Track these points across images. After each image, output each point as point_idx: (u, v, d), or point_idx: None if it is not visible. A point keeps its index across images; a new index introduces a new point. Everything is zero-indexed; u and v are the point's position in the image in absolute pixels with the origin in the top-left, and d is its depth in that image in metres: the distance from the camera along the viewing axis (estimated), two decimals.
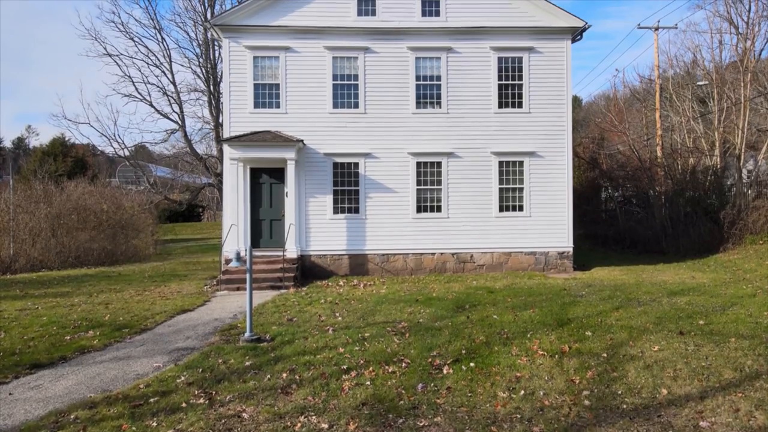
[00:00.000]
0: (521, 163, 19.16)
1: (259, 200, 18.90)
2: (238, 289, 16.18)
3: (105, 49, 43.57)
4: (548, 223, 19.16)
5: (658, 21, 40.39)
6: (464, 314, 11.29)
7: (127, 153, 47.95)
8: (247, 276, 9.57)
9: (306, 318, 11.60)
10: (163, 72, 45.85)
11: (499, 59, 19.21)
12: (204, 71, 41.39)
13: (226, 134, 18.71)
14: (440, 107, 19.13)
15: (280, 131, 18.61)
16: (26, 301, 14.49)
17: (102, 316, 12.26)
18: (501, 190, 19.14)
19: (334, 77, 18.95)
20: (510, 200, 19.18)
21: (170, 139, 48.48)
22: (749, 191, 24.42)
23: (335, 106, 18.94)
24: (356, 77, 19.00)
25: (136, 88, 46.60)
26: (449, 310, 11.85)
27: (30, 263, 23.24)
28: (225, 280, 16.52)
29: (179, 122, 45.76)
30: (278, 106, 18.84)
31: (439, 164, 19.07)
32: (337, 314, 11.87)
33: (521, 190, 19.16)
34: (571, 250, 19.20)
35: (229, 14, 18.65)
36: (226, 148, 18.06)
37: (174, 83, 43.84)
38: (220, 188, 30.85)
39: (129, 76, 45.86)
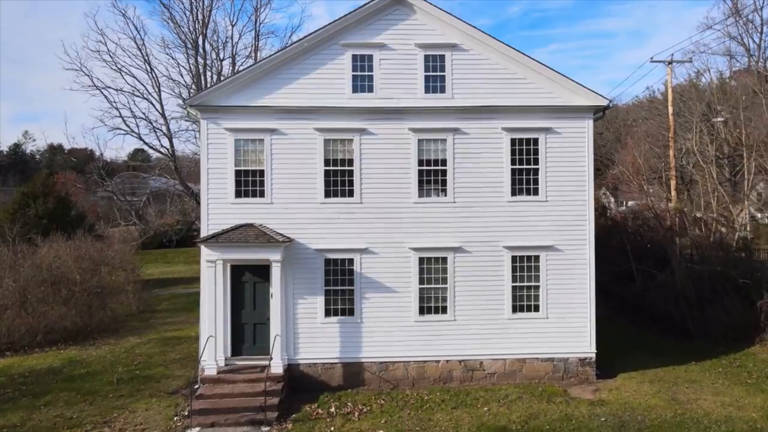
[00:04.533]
0: (537, 258, 16.99)
1: (241, 301, 16.72)
2: (212, 425, 13.99)
3: (91, 80, 41.25)
4: (567, 325, 16.99)
5: (672, 55, 38.20)
6: None
7: (111, 188, 45.85)
8: None
9: None
10: (152, 104, 43.81)
11: (512, 141, 17.04)
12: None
13: (204, 227, 16.54)
14: (446, 195, 16.95)
15: (265, 224, 16.44)
16: None
17: None
18: (514, 288, 16.97)
19: (327, 162, 16.78)
20: (524, 299, 17.01)
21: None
22: None
23: (327, 194, 16.77)
24: (351, 162, 16.83)
25: (124, 120, 44.52)
26: None
27: None
28: (198, 411, 14.35)
29: (169, 155, 43.60)
30: (263, 195, 16.66)
31: (444, 260, 16.90)
32: None
33: (537, 288, 16.99)
34: (593, 356, 17.02)
35: (207, 93, 16.47)
36: (202, 248, 15.87)
37: (164, 115, 41.79)
38: None
39: (117, 108, 43.80)
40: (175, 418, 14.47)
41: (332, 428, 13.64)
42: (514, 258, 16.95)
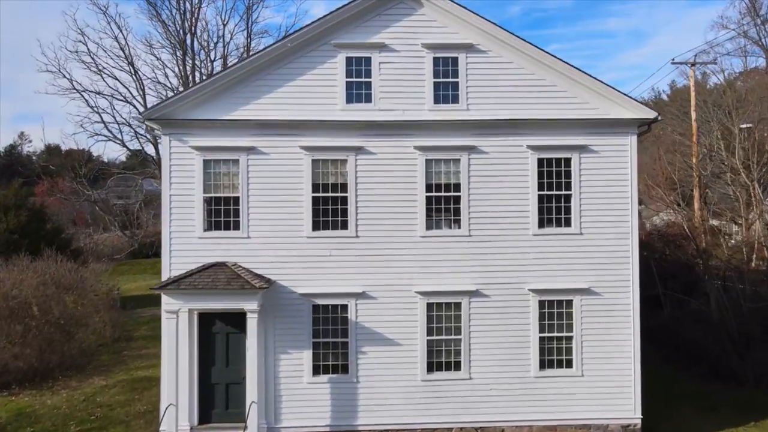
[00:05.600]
0: (569, 303, 14.05)
1: (210, 357, 13.78)
2: None
3: (71, 83, 38.33)
4: (607, 385, 14.04)
5: (695, 56, 35.24)
6: None
7: (97, 196, 42.89)
8: None
9: None
10: (136, 108, 40.87)
11: (540, 161, 14.09)
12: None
13: (165, 267, 13.60)
14: (459, 227, 14.00)
15: (240, 263, 13.50)
16: None
17: None
18: (542, 339, 14.03)
19: (315, 188, 13.83)
20: (554, 353, 14.08)
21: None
22: None
23: (316, 226, 13.82)
24: (345, 187, 13.88)
25: (106, 125, 41.57)
26: None
27: None
28: None
29: (156, 162, 40.61)
30: (237, 228, 13.72)
31: (457, 306, 13.95)
32: None
33: (569, 339, 14.05)
34: (639, 422, 14.06)
35: (170, 104, 13.53)
36: (162, 296, 12.93)
37: None
38: None
39: (98, 112, 40.83)
40: None
41: None
42: (541, 303, 14.00)
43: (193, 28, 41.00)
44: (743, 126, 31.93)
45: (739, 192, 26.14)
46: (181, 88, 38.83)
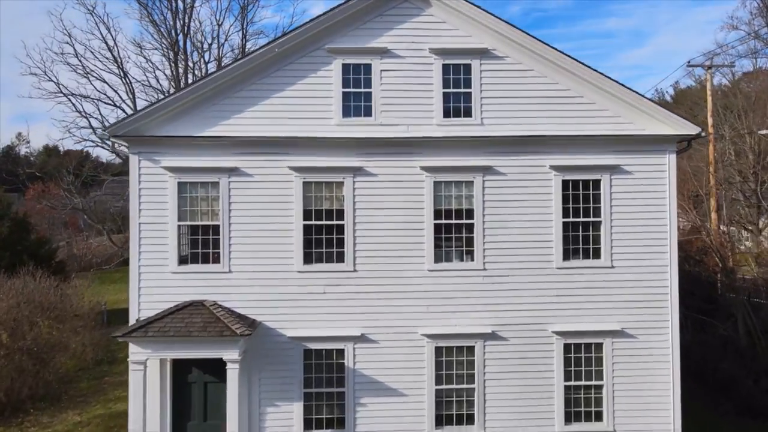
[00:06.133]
0: (599, 347, 12.24)
1: (186, 410, 11.96)
2: None
3: (58, 86, 36.47)
4: None
5: (711, 59, 33.50)
6: None
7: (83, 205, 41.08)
8: None
9: None
10: (125, 112, 39.06)
11: (565, 184, 12.27)
12: None
13: (133, 307, 11.78)
14: (473, 260, 12.19)
15: (221, 302, 11.69)
16: None
17: None
18: (568, 389, 12.22)
19: (307, 214, 12.01)
20: (582, 404, 12.26)
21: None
22: None
23: (308, 259, 12.01)
24: (341, 214, 12.07)
25: (94, 131, 39.78)
26: None
27: None
28: None
29: None
30: (217, 261, 11.91)
31: (470, 350, 12.13)
32: None
33: (599, 388, 12.23)
34: None
35: (139, 118, 11.70)
36: (130, 344, 11.12)
37: None
38: None
39: (86, 116, 39.02)
40: None
41: None
42: (567, 347, 12.19)
43: (186, 29, 39.16)
44: (762, 132, 30.17)
45: (750, 197, 24.43)
46: (172, 91, 37.07)
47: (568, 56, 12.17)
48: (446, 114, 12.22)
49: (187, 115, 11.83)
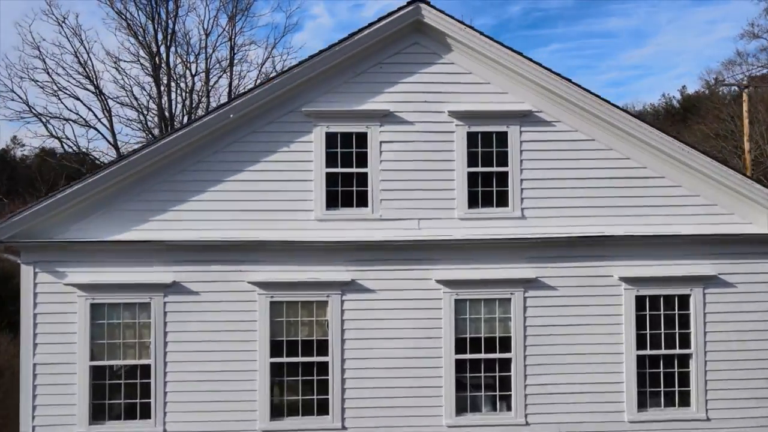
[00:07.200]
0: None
1: None
2: None
3: (28, 106, 32.82)
4: None
5: (747, 76, 30.11)
6: None
7: None
8: None
9: None
10: (99, 132, 35.41)
11: (640, 302, 8.71)
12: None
13: None
14: (509, 409, 8.62)
15: None
16: None
17: None
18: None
19: (275, 348, 8.46)
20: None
21: None
22: None
23: (277, 413, 8.46)
24: (324, 348, 8.52)
25: (65, 151, 36.19)
26: None
27: None
28: None
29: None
30: (147, 415, 8.35)
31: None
32: None
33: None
34: None
35: (33, 216, 8.12)
36: None
37: (116, 146, 33.67)
38: None
39: (58, 138, 35.41)
40: None
41: None
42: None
43: (168, 40, 35.44)
44: None
45: None
46: (154, 106, 33.64)
47: (645, 123, 8.65)
48: (472, 203, 8.67)
49: (105, 210, 8.29)
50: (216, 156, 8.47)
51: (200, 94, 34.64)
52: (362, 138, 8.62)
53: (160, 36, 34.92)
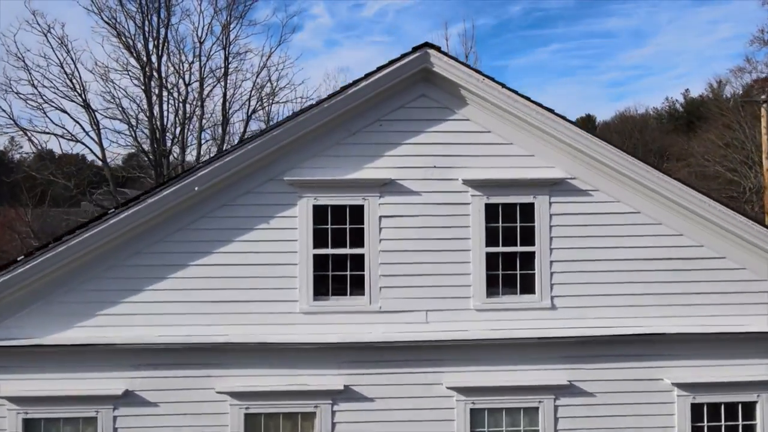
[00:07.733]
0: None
1: None
2: None
3: (11, 119, 31.32)
4: None
5: (763, 88, 28.81)
6: None
7: None
8: None
9: None
10: (91, 150, 33.89)
11: (696, 410, 7.15)
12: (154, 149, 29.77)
13: None
14: None
15: None
16: None
17: None
18: None
19: None
20: None
21: None
22: None
23: None
24: None
25: (53, 172, 34.76)
26: None
27: None
28: None
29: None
30: None
31: None
32: None
33: None
34: None
35: None
36: None
37: (105, 161, 32.18)
38: None
39: (43, 156, 34.03)
40: None
41: None
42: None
43: (159, 49, 33.89)
44: None
45: None
46: (144, 118, 32.10)
47: (702, 193, 7.08)
48: (492, 290, 7.11)
49: (44, 302, 6.74)
50: (175, 236, 6.91)
51: (194, 104, 33.02)
52: (358, 212, 7.06)
53: (151, 45, 33.32)
